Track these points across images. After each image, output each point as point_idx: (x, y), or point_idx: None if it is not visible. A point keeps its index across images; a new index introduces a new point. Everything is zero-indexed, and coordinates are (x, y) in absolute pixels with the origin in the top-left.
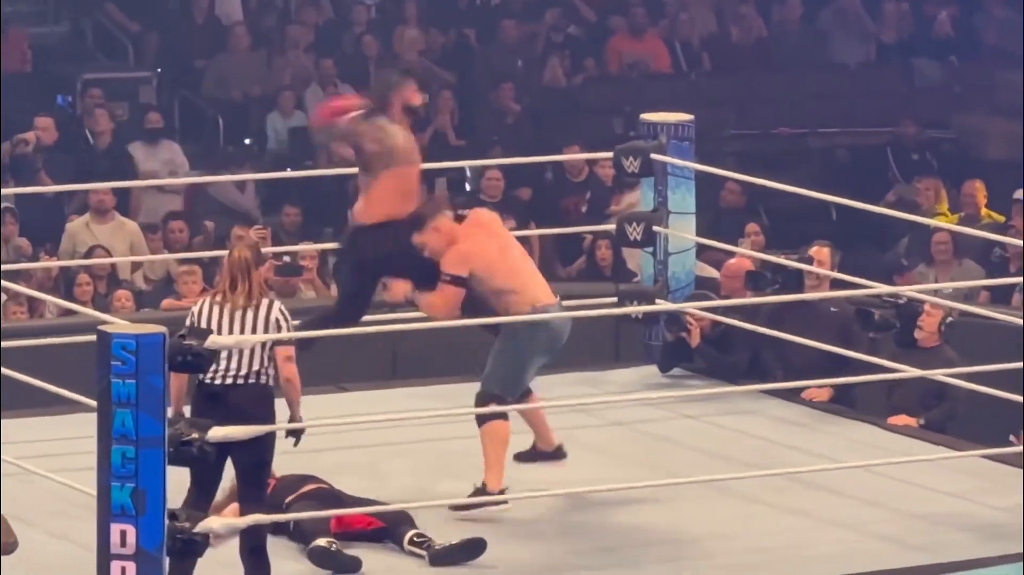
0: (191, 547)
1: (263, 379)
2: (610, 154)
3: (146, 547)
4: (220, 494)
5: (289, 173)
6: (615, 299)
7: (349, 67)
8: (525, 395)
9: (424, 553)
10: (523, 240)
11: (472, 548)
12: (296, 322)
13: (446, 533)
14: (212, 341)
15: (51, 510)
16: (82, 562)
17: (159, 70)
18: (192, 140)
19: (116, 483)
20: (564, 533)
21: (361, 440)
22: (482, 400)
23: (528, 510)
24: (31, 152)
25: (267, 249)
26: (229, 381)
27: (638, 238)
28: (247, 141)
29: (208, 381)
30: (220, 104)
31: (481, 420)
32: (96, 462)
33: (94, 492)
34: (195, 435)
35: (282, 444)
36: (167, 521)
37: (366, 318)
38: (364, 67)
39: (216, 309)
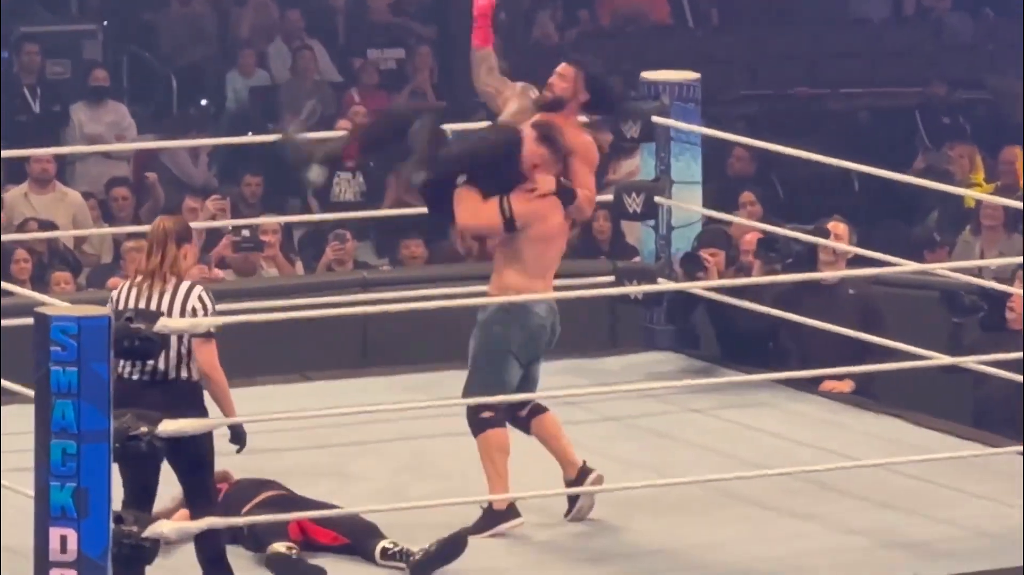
0: (139, 553)
1: (184, 374)
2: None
3: (89, 553)
4: (170, 500)
5: (250, 138)
6: (612, 278)
7: (317, 20)
8: (537, 412)
9: (403, 565)
10: None
11: (452, 548)
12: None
13: (420, 539)
14: (161, 325)
15: None
16: (18, 570)
17: (105, 23)
18: (141, 101)
19: (56, 482)
20: (553, 540)
21: (327, 438)
22: (471, 412)
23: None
24: None
25: (225, 222)
26: (147, 378)
27: (638, 210)
28: (203, 102)
29: (125, 377)
30: (173, 61)
31: (475, 431)
32: (34, 459)
33: (31, 493)
34: (144, 429)
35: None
36: (112, 524)
37: (334, 299)
38: (332, 20)
39: (134, 291)
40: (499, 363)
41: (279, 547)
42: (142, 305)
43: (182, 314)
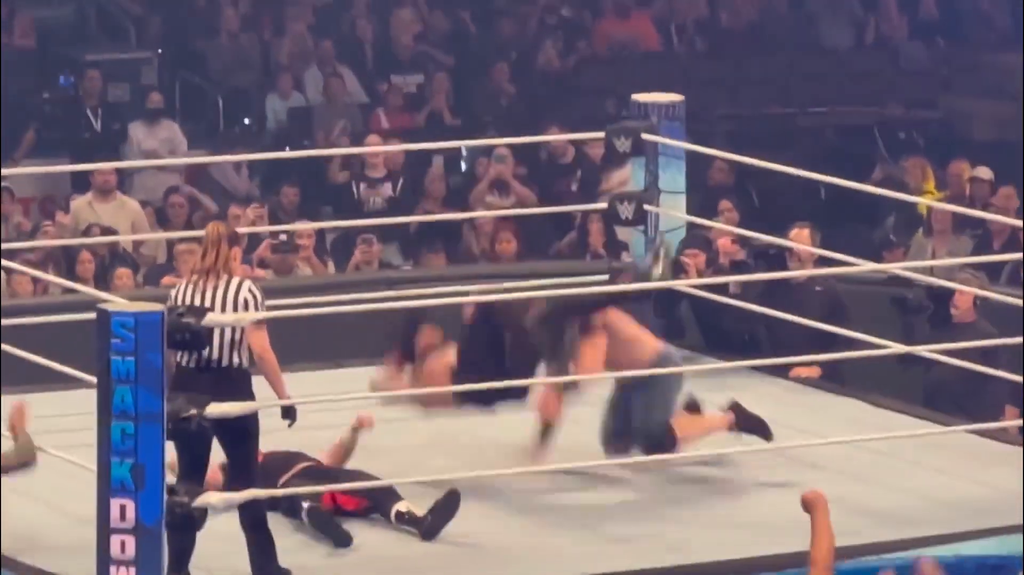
0: (189, 521)
1: (235, 361)
2: (602, 134)
3: (145, 521)
4: (215, 470)
5: (288, 154)
6: (607, 277)
7: (347, 48)
8: (693, 408)
9: (414, 530)
10: (519, 218)
11: (450, 505)
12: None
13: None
14: (209, 319)
15: (52, 485)
16: (82, 537)
17: (160, 51)
18: (192, 120)
19: (116, 459)
20: (544, 509)
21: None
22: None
23: (515, 485)
24: None
25: (265, 228)
26: (201, 365)
27: (629, 216)
28: (246, 121)
29: (183, 365)
30: (220, 85)
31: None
32: (96, 438)
33: (94, 467)
34: (193, 411)
35: (273, 423)
36: (166, 495)
37: (357, 295)
38: (361, 49)
39: (191, 287)
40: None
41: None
42: (198, 299)
43: (235, 306)
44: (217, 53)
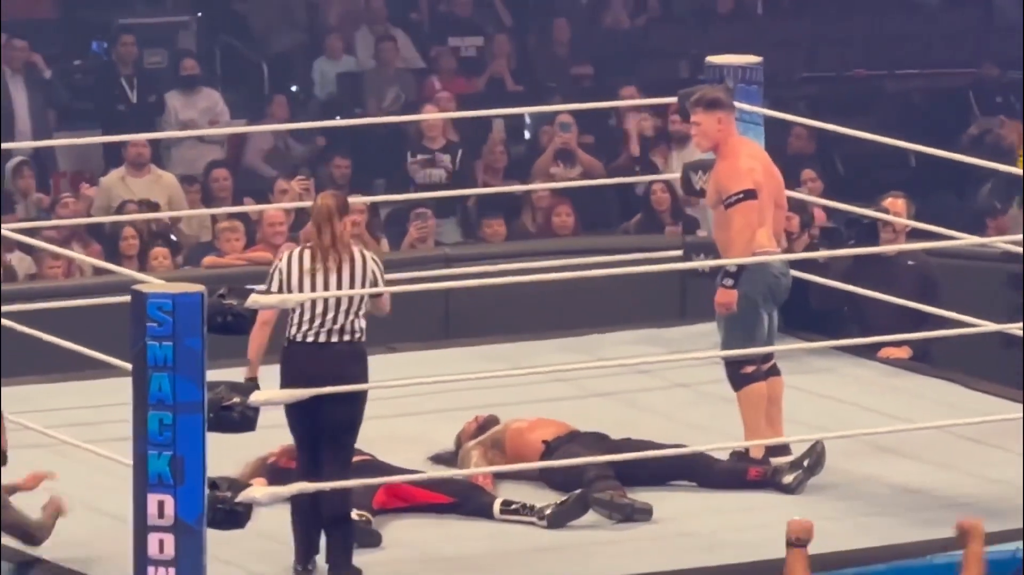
0: (233, 518)
1: (357, 336)
2: (674, 99)
3: (185, 518)
4: (245, 467)
5: (338, 122)
6: (681, 252)
7: (400, 8)
8: (774, 373)
9: (530, 518)
10: (583, 191)
11: (582, 506)
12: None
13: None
14: (253, 300)
15: (85, 481)
16: (118, 535)
17: (199, 14)
18: (234, 88)
19: (153, 451)
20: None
21: (411, 406)
22: (731, 368)
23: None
24: None
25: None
26: (323, 339)
27: (704, 187)
28: (293, 88)
29: (298, 339)
30: (264, 49)
31: (737, 386)
32: (132, 429)
33: (130, 461)
34: (236, 399)
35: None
36: (207, 490)
37: (418, 274)
38: (414, 8)
39: (300, 263)
40: (749, 309)
41: (352, 515)
42: (320, 278)
43: (363, 283)
44: (260, 14)
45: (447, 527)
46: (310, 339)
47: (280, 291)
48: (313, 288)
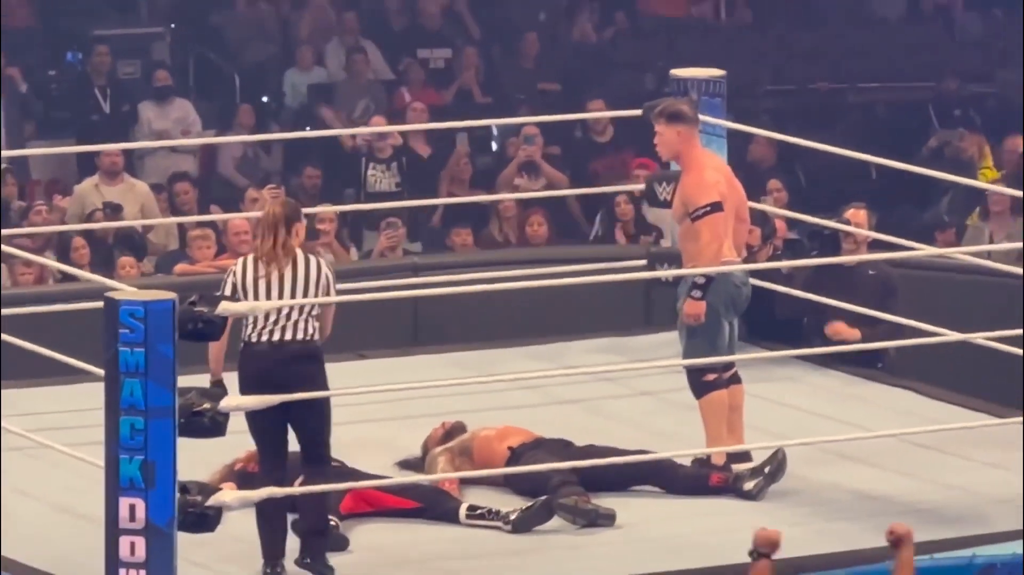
0: (203, 521)
1: (311, 335)
2: (639, 111)
3: (156, 521)
4: (214, 472)
5: (308, 133)
6: (645, 261)
7: (370, 20)
8: (736, 381)
9: (496, 523)
10: (551, 202)
11: (546, 511)
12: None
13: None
14: (224, 307)
15: (58, 483)
16: (90, 537)
17: (173, 25)
18: (206, 99)
19: (125, 455)
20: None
21: (380, 413)
22: (693, 376)
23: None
24: None
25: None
26: (276, 337)
27: (668, 198)
28: (264, 99)
29: (253, 340)
30: (236, 61)
31: (697, 393)
32: (104, 433)
33: (102, 464)
34: (207, 405)
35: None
36: (178, 494)
37: (388, 282)
38: (386, 21)
39: (255, 269)
40: (710, 328)
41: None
42: (262, 286)
43: (316, 289)
44: (233, 26)
45: (413, 531)
46: (264, 338)
47: (233, 294)
48: (268, 293)
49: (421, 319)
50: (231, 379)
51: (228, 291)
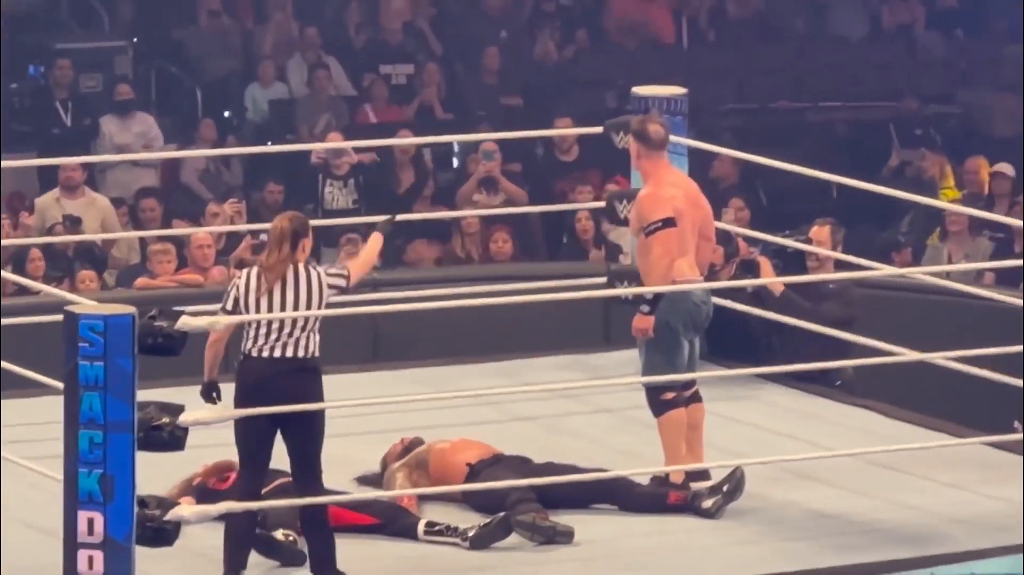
0: (162, 535)
1: (311, 351)
2: (600, 128)
3: (114, 535)
4: (172, 487)
5: (269, 148)
6: (605, 279)
7: (332, 36)
8: (696, 400)
9: (452, 539)
10: (513, 219)
11: (505, 527)
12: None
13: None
14: (184, 322)
15: (16, 496)
16: (48, 551)
17: (135, 39)
18: (168, 113)
19: (84, 469)
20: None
21: (339, 429)
22: (652, 394)
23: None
24: None
25: (243, 227)
26: (277, 353)
27: (627, 216)
28: (226, 114)
29: (253, 354)
30: (199, 75)
31: (656, 412)
32: (63, 447)
33: (61, 478)
34: (166, 420)
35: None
36: (136, 508)
37: (348, 298)
38: (348, 37)
39: (258, 281)
40: (669, 346)
41: (277, 534)
42: (276, 295)
43: (320, 302)
44: (196, 41)
45: (371, 547)
46: (264, 354)
47: (234, 308)
48: (269, 306)
49: (381, 335)
50: (228, 390)
51: (230, 305)
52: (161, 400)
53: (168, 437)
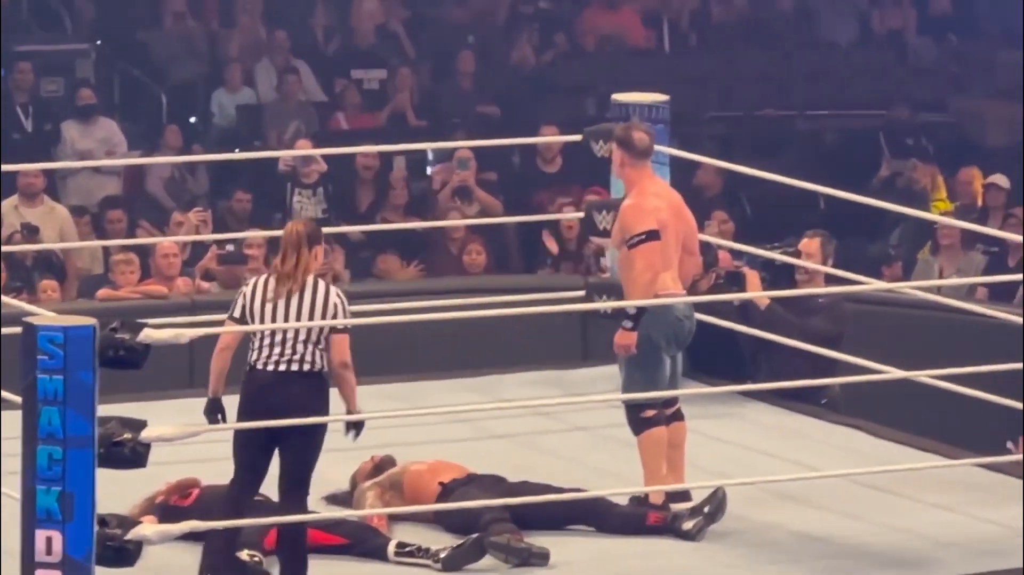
0: (122, 555)
1: (317, 366)
2: (579, 136)
3: (73, 555)
4: (133, 506)
5: (236, 155)
6: (583, 293)
7: (303, 40)
8: (677, 418)
9: (424, 561)
10: (488, 229)
11: (478, 549)
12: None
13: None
14: (146, 334)
15: None
16: (6, 571)
17: (98, 42)
18: (132, 118)
19: (42, 486)
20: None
21: None
22: (631, 412)
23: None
24: None
25: (211, 236)
26: (283, 367)
27: (608, 227)
28: (192, 119)
29: (258, 367)
30: (163, 79)
31: (636, 430)
32: (21, 463)
33: (18, 495)
34: (127, 435)
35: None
36: (97, 527)
37: None
38: (318, 40)
39: (264, 289)
40: (650, 362)
41: (242, 554)
42: (269, 309)
43: (323, 314)
44: (160, 44)
45: (340, 568)
46: (270, 367)
47: (242, 316)
48: (274, 316)
49: (352, 349)
50: (231, 402)
51: (237, 312)
52: (123, 415)
53: (130, 453)
